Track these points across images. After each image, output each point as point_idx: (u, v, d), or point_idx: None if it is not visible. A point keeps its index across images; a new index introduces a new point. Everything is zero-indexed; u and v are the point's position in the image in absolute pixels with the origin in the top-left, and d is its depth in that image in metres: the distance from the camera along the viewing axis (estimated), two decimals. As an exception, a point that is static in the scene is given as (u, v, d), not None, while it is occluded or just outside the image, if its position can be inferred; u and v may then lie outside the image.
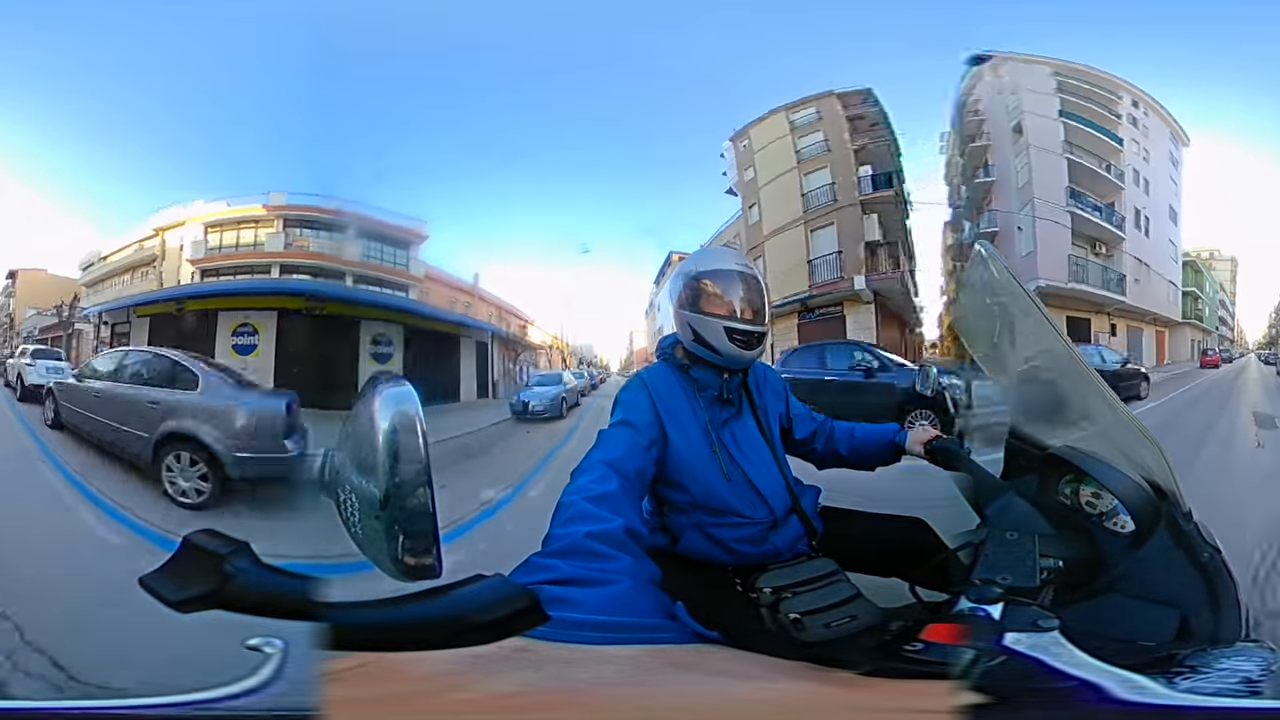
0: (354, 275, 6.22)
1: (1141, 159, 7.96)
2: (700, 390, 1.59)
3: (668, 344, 1.70)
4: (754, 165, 8.04)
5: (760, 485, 1.57)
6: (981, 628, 0.93)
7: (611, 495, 1.14)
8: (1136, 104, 7.79)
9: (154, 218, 6.38)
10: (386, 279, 6.41)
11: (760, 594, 1.41)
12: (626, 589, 0.89)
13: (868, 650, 1.21)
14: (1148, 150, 7.98)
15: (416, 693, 0.65)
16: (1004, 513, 1.37)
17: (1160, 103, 7.86)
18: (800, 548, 1.59)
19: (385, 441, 0.74)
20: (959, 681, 0.77)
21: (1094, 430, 1.50)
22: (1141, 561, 1.21)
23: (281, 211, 6.09)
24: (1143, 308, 8.21)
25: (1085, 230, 7.76)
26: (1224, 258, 9.56)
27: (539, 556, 0.95)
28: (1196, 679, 0.81)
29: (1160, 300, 8.61)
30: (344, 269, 6.19)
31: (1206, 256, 9.37)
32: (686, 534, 1.53)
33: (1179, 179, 8.30)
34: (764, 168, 7.99)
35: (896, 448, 1.79)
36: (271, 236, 6.11)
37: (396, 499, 0.73)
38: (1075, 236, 7.67)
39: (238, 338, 5.71)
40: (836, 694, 0.75)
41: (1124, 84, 7.72)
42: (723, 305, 1.56)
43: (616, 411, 1.50)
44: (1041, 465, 1.56)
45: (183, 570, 0.70)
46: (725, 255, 1.69)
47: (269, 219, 6.13)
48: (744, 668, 0.84)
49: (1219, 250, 9.50)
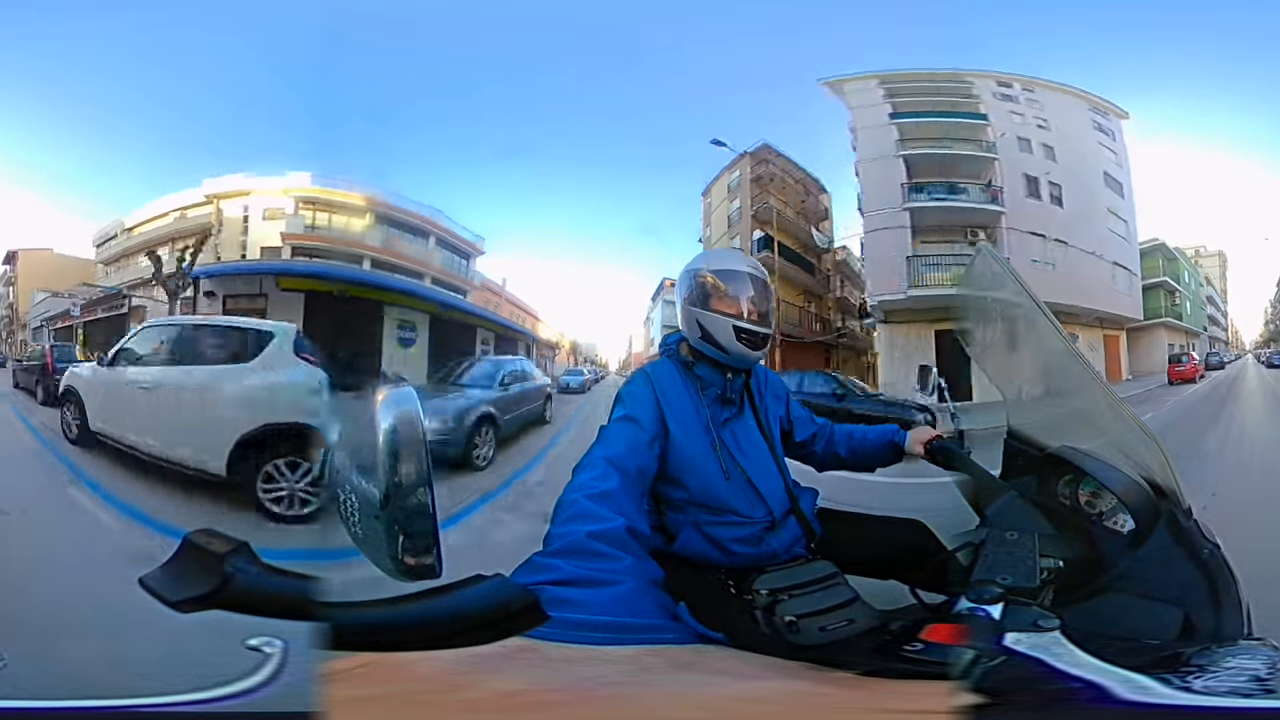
0: (431, 277, 6.85)
1: (1035, 126, 7.20)
2: (703, 388, 1.59)
3: (672, 340, 1.70)
4: (711, 224, 8.43)
5: (759, 485, 1.57)
6: (981, 628, 0.93)
7: (612, 493, 1.14)
8: (1009, 85, 7.36)
9: (208, 183, 5.97)
10: (457, 286, 7.13)
11: (756, 596, 1.40)
12: (629, 589, 0.89)
13: (866, 651, 1.21)
14: (1044, 119, 7.27)
15: (417, 693, 0.65)
16: (1004, 513, 1.37)
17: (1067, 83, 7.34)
18: (798, 550, 1.59)
19: (385, 441, 0.74)
20: (959, 682, 0.77)
21: (1093, 429, 1.51)
22: (1142, 560, 1.21)
23: (378, 207, 6.44)
24: (1067, 302, 6.92)
25: (939, 220, 7.01)
26: (1210, 253, 8.38)
27: (540, 556, 0.94)
28: (1201, 678, 0.80)
29: (1102, 293, 7.25)
30: (425, 272, 6.79)
31: (1191, 253, 8.18)
32: (683, 533, 1.52)
33: (1121, 149, 7.37)
34: (716, 227, 8.36)
35: (896, 448, 1.79)
36: (368, 230, 6.42)
37: (396, 499, 0.73)
38: (924, 232, 7.04)
39: (402, 331, 6.34)
40: (837, 693, 0.75)
41: (981, 73, 7.29)
42: (732, 304, 1.57)
43: (619, 407, 1.49)
44: (1041, 465, 1.56)
45: (183, 570, 0.69)
46: (737, 256, 1.71)
47: (361, 209, 6.39)
48: (745, 668, 0.84)
49: (1204, 246, 8.29)
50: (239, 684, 1.26)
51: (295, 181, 6.27)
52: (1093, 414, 1.54)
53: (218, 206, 6.04)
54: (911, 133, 7.34)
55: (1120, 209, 7.45)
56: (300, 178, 6.27)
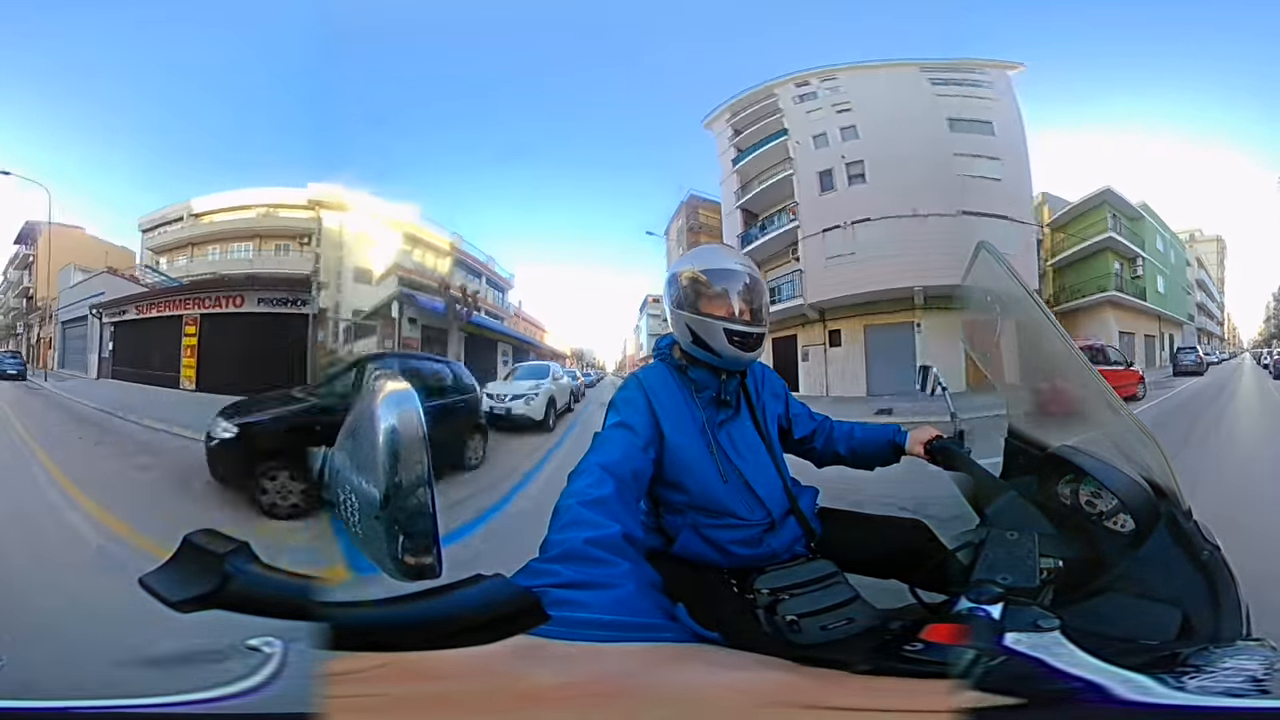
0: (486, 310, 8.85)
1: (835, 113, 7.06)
2: (698, 390, 1.58)
3: (665, 344, 1.69)
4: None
5: (757, 487, 1.56)
6: (981, 628, 0.93)
7: (608, 499, 1.14)
8: (806, 82, 7.46)
9: (313, 186, 5.95)
10: (497, 314, 9.25)
11: (757, 595, 1.40)
12: (629, 592, 0.89)
13: (867, 650, 1.21)
14: (845, 101, 7.08)
15: (417, 693, 0.65)
16: (1004, 513, 1.37)
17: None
18: (798, 549, 1.58)
19: (385, 441, 0.74)
20: (959, 681, 0.77)
21: (1093, 429, 1.51)
22: (1142, 560, 1.21)
23: (459, 255, 8.19)
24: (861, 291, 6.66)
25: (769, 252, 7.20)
26: (1207, 237, 7.19)
27: (539, 562, 0.94)
28: (1199, 678, 0.81)
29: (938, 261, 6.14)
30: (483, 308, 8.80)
31: (1185, 236, 6.96)
32: (682, 535, 1.52)
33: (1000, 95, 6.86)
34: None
35: (896, 448, 1.78)
36: (453, 270, 8.17)
37: (396, 499, 0.73)
38: (764, 266, 7.20)
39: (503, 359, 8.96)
40: (836, 692, 0.75)
41: (781, 80, 7.39)
42: (722, 305, 1.53)
43: (612, 413, 1.48)
44: (1041, 465, 1.56)
45: (183, 570, 0.69)
46: (724, 253, 1.65)
47: (447, 252, 7.93)
48: (744, 665, 0.84)
49: (1200, 230, 7.08)
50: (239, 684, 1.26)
51: (402, 214, 7.21)
52: (1092, 414, 1.54)
53: (319, 215, 6.02)
54: (747, 173, 7.90)
55: (993, 148, 6.59)
56: (408, 210, 7.28)
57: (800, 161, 7.35)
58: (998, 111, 6.86)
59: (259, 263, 5.89)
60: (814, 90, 7.47)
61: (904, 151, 7.06)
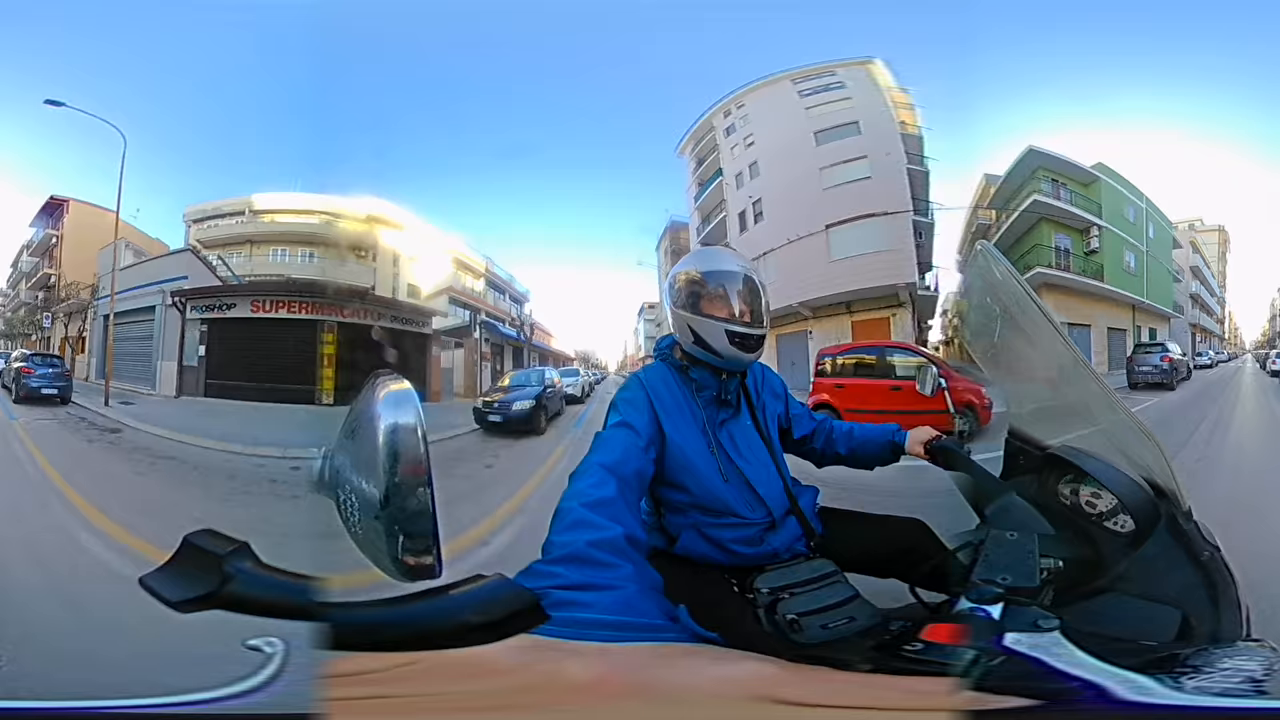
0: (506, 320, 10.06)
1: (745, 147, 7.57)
2: (698, 390, 1.59)
3: (665, 344, 1.69)
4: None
5: (757, 486, 1.57)
6: (981, 628, 0.93)
7: (609, 500, 1.14)
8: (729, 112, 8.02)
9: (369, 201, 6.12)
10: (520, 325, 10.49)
11: (757, 594, 1.41)
12: (631, 594, 0.89)
13: (866, 650, 1.21)
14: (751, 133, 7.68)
15: (417, 693, 0.65)
16: (1004, 513, 1.37)
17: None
18: (798, 549, 1.59)
19: (385, 441, 0.74)
20: (959, 681, 0.77)
21: (1093, 429, 1.50)
22: (1141, 560, 1.21)
23: (487, 276, 9.36)
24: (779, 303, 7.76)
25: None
26: (1209, 227, 6.39)
27: (541, 564, 0.94)
28: (1199, 679, 0.81)
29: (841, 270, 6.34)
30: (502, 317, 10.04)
31: (1185, 226, 6.15)
32: (684, 535, 1.53)
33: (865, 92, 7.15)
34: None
35: (896, 448, 1.78)
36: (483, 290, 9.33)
37: (396, 499, 0.73)
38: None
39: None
40: (836, 691, 0.75)
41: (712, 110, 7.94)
42: (722, 307, 1.54)
43: (613, 413, 1.48)
44: (1041, 465, 1.56)
45: (183, 570, 0.69)
46: (725, 255, 1.66)
47: (481, 273, 9.16)
48: (744, 664, 0.84)
49: (1200, 220, 6.30)
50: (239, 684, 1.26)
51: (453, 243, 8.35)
52: (1092, 414, 1.54)
53: (375, 232, 6.17)
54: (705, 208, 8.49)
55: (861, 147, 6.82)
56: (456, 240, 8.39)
57: (730, 203, 8.18)
58: (863, 109, 7.21)
59: (324, 271, 5.81)
60: (733, 121, 8.17)
61: (782, 179, 7.94)
